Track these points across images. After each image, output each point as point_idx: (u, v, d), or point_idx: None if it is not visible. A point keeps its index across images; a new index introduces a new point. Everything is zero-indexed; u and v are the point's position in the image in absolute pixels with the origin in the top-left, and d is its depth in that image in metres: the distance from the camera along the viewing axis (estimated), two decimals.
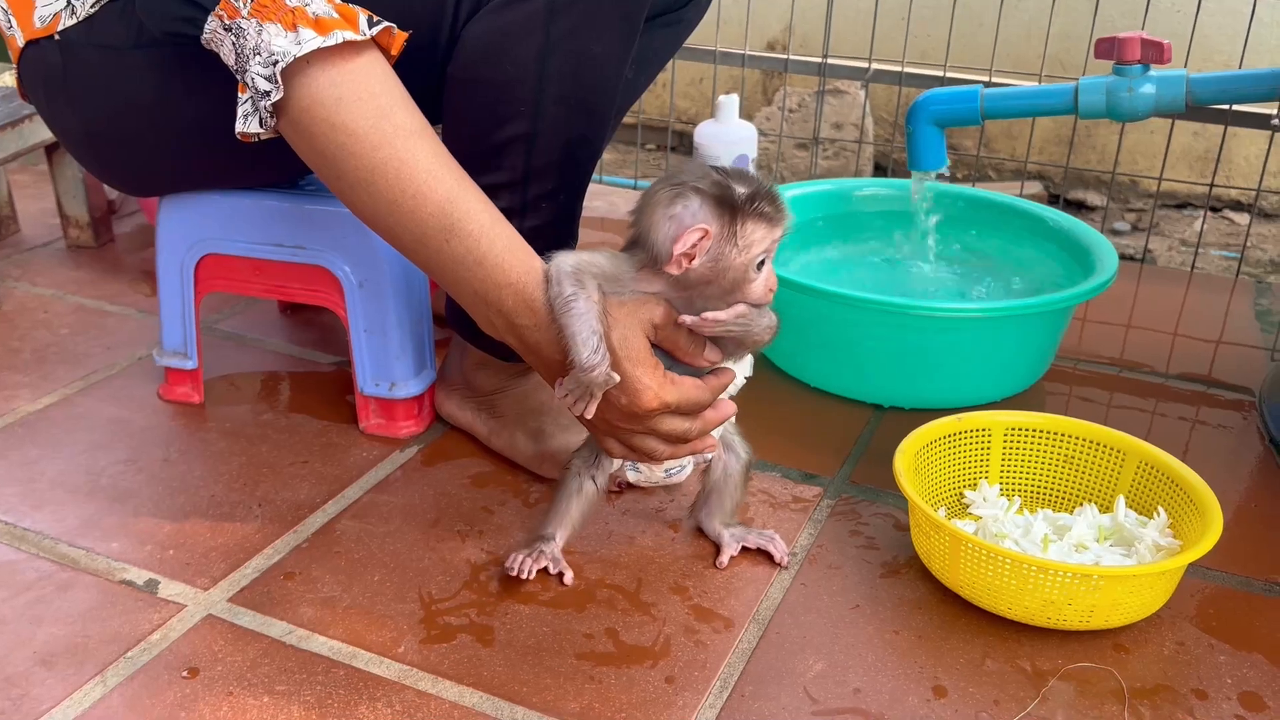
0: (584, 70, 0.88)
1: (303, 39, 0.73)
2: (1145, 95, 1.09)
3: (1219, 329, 1.43)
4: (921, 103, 1.19)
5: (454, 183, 0.76)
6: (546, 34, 0.85)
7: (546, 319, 0.76)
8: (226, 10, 0.75)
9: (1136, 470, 0.94)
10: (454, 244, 0.76)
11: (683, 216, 0.75)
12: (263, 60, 0.74)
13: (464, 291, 0.78)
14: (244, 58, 0.75)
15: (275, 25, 0.73)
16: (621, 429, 0.80)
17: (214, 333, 1.33)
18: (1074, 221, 1.31)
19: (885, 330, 1.13)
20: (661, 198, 0.76)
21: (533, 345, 0.79)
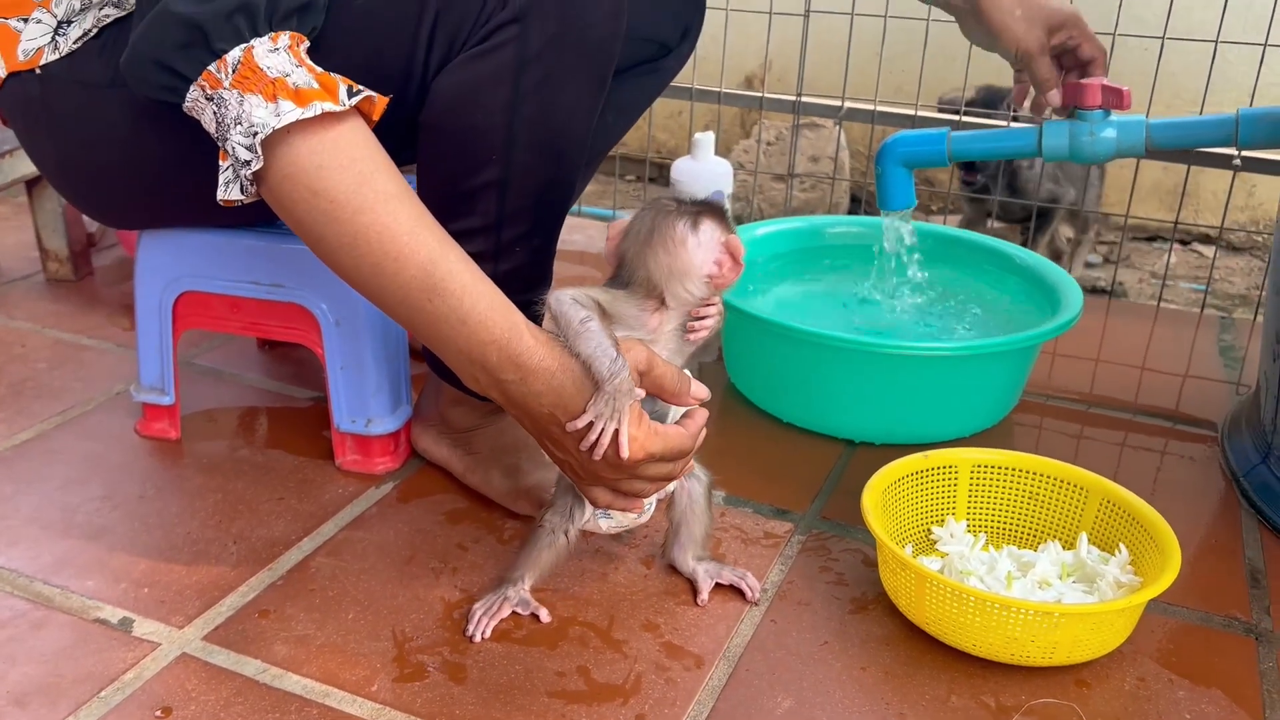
0: (554, 118, 0.90)
1: (282, 110, 0.74)
2: (1106, 139, 1.12)
3: (1185, 364, 1.45)
4: (890, 144, 1.22)
5: (435, 244, 0.77)
6: (516, 85, 0.87)
7: (535, 372, 0.77)
8: (209, 81, 0.76)
9: (1099, 507, 0.96)
10: (437, 304, 0.77)
11: (708, 239, 0.81)
12: (243, 130, 0.75)
13: (448, 349, 0.79)
14: (225, 127, 0.76)
15: (256, 96, 0.74)
16: (607, 478, 0.81)
17: (192, 368, 1.34)
18: (1039, 259, 1.34)
19: (855, 368, 1.15)
20: (681, 227, 0.80)
21: (518, 400, 0.79)
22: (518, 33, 0.85)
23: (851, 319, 1.33)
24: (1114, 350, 1.49)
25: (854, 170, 2.58)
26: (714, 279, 0.82)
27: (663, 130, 2.67)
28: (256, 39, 0.75)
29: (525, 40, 0.85)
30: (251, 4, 0.74)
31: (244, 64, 0.75)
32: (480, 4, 0.84)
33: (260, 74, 0.75)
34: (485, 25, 0.85)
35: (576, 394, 0.77)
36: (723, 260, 0.82)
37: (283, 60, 0.75)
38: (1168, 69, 1.63)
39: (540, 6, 0.84)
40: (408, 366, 1.13)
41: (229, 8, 0.73)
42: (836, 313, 1.35)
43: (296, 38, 0.78)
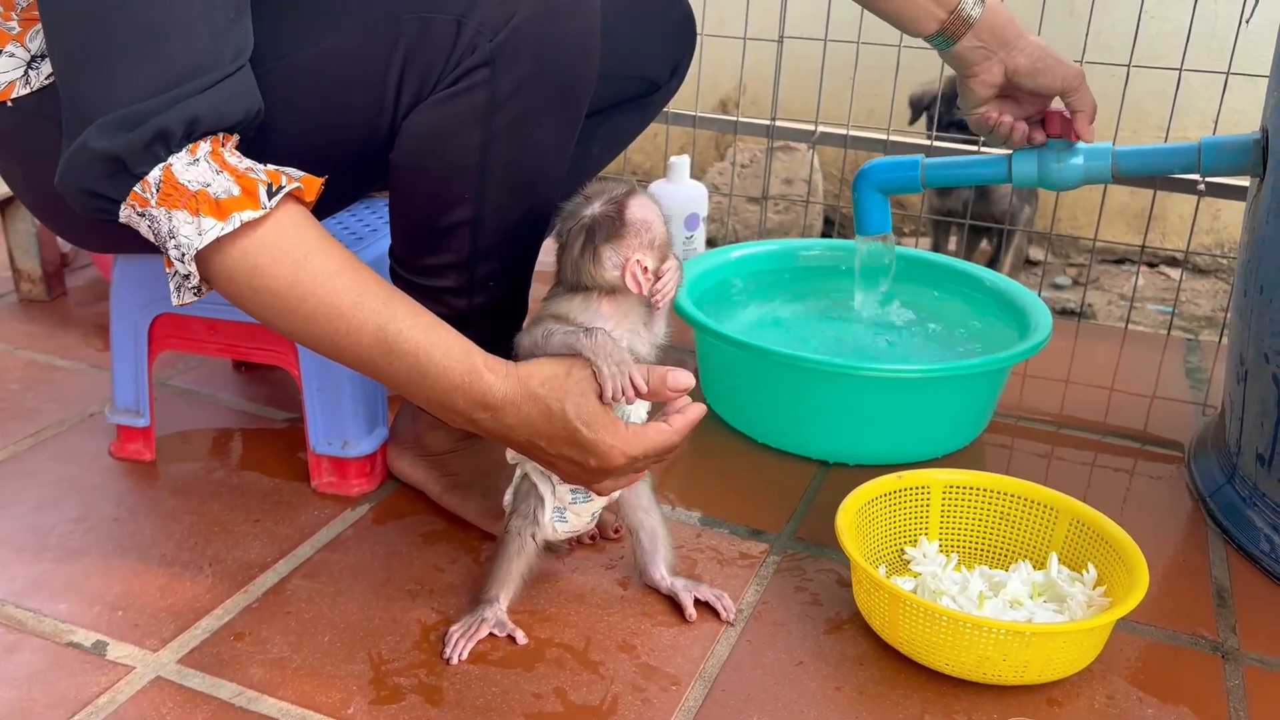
0: (527, 158, 0.91)
1: (204, 228, 0.75)
2: (1074, 166, 1.14)
3: (1152, 385, 1.48)
4: (866, 171, 1.24)
5: (381, 307, 0.79)
6: (488, 127, 0.87)
7: (502, 408, 0.80)
8: (137, 201, 0.76)
9: (1069, 527, 0.98)
10: (396, 364, 0.79)
11: (616, 261, 0.82)
12: (175, 245, 0.76)
13: (420, 399, 0.82)
14: (161, 239, 0.77)
15: (182, 212, 0.75)
16: (603, 479, 0.84)
17: (167, 388, 1.33)
18: (1009, 282, 1.36)
19: (829, 389, 1.16)
20: (586, 262, 0.83)
21: (496, 433, 0.82)
22: (489, 76, 0.85)
23: (826, 340, 1.34)
24: (1083, 371, 1.51)
25: (827, 193, 2.61)
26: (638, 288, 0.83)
27: (638, 152, 2.69)
28: (174, 156, 0.75)
29: (496, 83, 0.85)
30: (168, 130, 0.73)
31: (165, 181, 0.75)
32: (450, 48, 0.84)
33: (182, 189, 0.75)
34: (456, 69, 0.85)
35: (546, 422, 0.80)
36: (633, 278, 0.82)
37: (203, 170, 0.75)
38: (1134, 95, 1.66)
39: (512, 50, 0.84)
40: (384, 387, 1.14)
41: (146, 138, 0.73)
42: (811, 334, 1.37)
43: (218, 140, 0.77)
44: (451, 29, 0.84)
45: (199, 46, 0.74)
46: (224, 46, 0.76)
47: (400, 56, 0.85)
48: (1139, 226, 2.38)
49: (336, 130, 0.89)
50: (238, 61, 0.77)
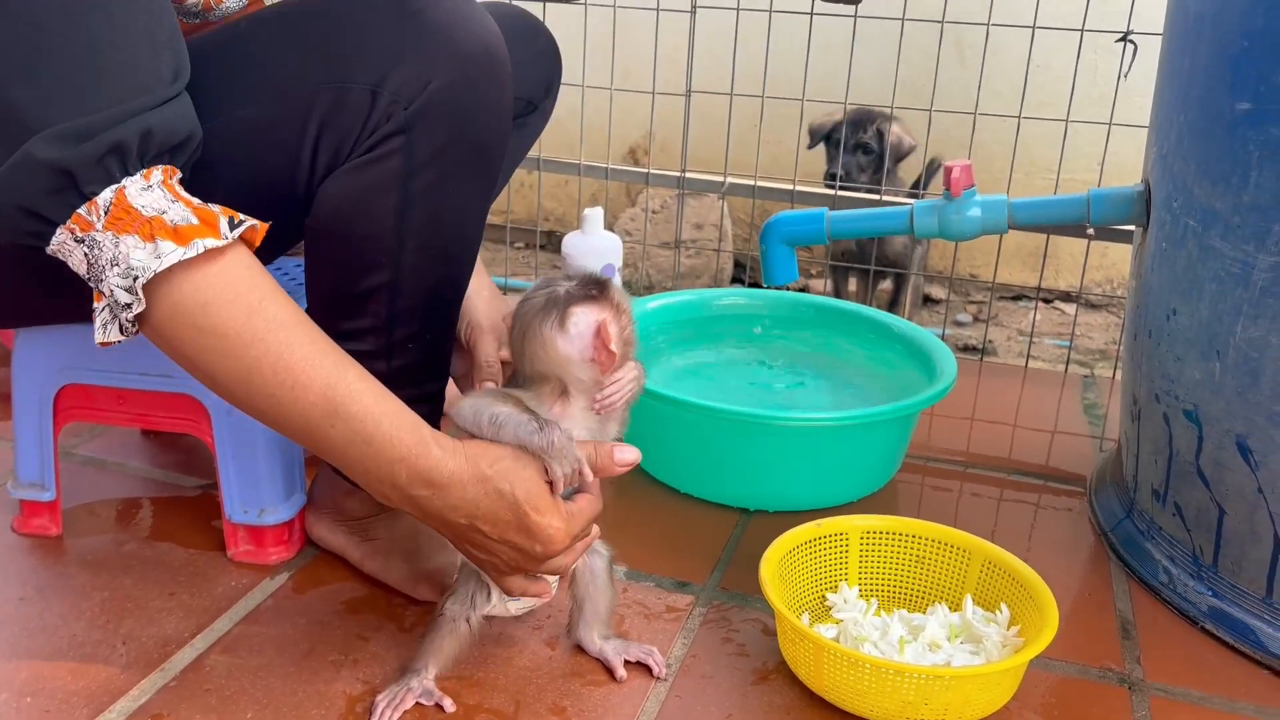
0: (443, 222, 0.91)
1: (162, 251, 0.71)
2: (972, 218, 1.19)
3: (1052, 421, 1.54)
4: (773, 224, 1.28)
5: (333, 366, 0.76)
6: (404, 192, 0.87)
7: (447, 486, 0.78)
8: (79, 224, 0.71)
9: (981, 568, 1.01)
10: (340, 428, 0.76)
11: (581, 328, 0.80)
12: (121, 272, 0.71)
13: (355, 470, 0.79)
14: (99, 268, 0.72)
15: (133, 237, 0.71)
16: (530, 569, 0.83)
17: (72, 458, 1.29)
18: (915, 328, 1.41)
19: (747, 440, 1.19)
20: (548, 328, 0.80)
21: (434, 513, 0.80)
22: (405, 143, 0.85)
23: (743, 387, 1.37)
24: (987, 408, 1.57)
25: (737, 237, 2.66)
26: (598, 365, 0.82)
27: (550, 199, 2.71)
28: (128, 178, 0.72)
29: (412, 149, 0.86)
30: (124, 144, 0.70)
31: (116, 205, 0.71)
32: (365, 116, 0.84)
33: (135, 214, 0.71)
34: (371, 136, 0.85)
35: (494, 503, 0.78)
36: (598, 348, 0.81)
37: (157, 197, 0.73)
38: (1025, 139, 1.74)
39: (427, 117, 0.85)
40: (301, 452, 1.12)
41: (100, 151, 0.69)
42: (729, 382, 1.39)
43: (170, 171, 0.75)
44: (366, 98, 0.84)
45: (144, 65, 0.72)
46: (164, 67, 0.74)
47: (315, 125, 0.85)
48: (1034, 265, 2.48)
49: (253, 195, 0.87)
50: (177, 84, 0.75)
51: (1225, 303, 0.99)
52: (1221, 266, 0.99)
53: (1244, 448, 0.99)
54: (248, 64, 0.87)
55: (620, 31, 1.82)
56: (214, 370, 0.75)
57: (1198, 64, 1.02)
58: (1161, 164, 1.09)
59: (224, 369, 0.75)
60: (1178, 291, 1.05)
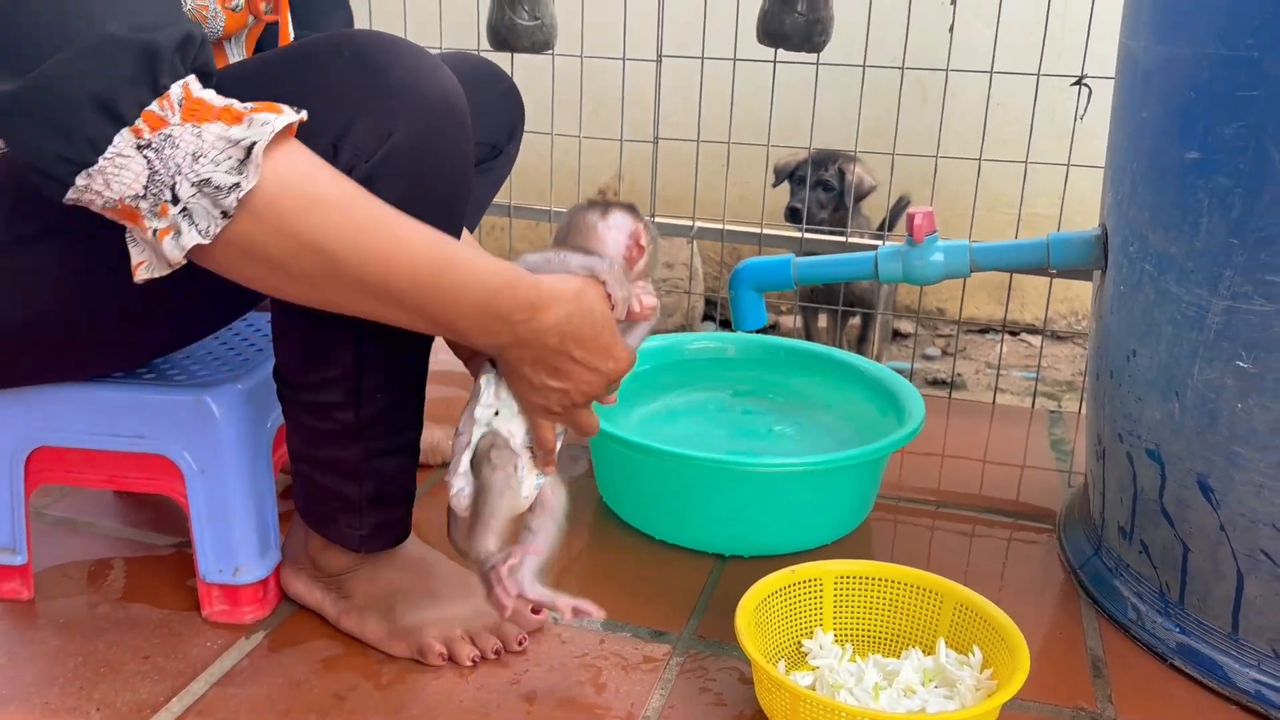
0: None
1: (264, 120, 0.72)
2: (935, 263, 1.22)
3: (1021, 456, 1.56)
4: (741, 271, 1.29)
5: (414, 220, 0.80)
6: None
7: (546, 306, 0.85)
8: (149, 122, 0.69)
9: (954, 611, 1.03)
10: (449, 274, 0.81)
11: (620, 222, 0.93)
12: (217, 157, 0.71)
13: (463, 313, 0.83)
14: (168, 172, 0.70)
15: (218, 124, 0.71)
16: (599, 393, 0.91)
17: (43, 519, 1.28)
18: (883, 369, 1.43)
19: (718, 486, 1.20)
20: (594, 216, 0.94)
21: (530, 340, 0.86)
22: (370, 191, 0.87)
23: (716, 431, 1.38)
24: (956, 445, 1.59)
25: (708, 275, 2.69)
26: (629, 262, 0.93)
27: (522, 240, 2.73)
28: (190, 75, 0.72)
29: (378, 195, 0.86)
30: (191, 37, 0.71)
31: (187, 98, 0.71)
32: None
33: (207, 105, 0.72)
34: None
35: (585, 321, 0.87)
36: (630, 245, 0.93)
37: (214, 95, 0.74)
38: (987, 176, 1.77)
39: (389, 170, 0.86)
40: (275, 508, 1.12)
41: (176, 39, 0.69)
42: (702, 427, 1.41)
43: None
44: (328, 153, 0.85)
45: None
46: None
47: None
48: (1000, 298, 2.52)
49: None
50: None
51: (1182, 345, 1.01)
52: (1177, 310, 1.01)
53: (1205, 486, 1.01)
54: None
55: (588, 79, 1.85)
56: (326, 240, 0.75)
57: (1147, 114, 1.05)
58: (1117, 209, 1.12)
59: (333, 238, 0.76)
60: (1136, 334, 1.08)
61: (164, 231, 0.72)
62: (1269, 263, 0.92)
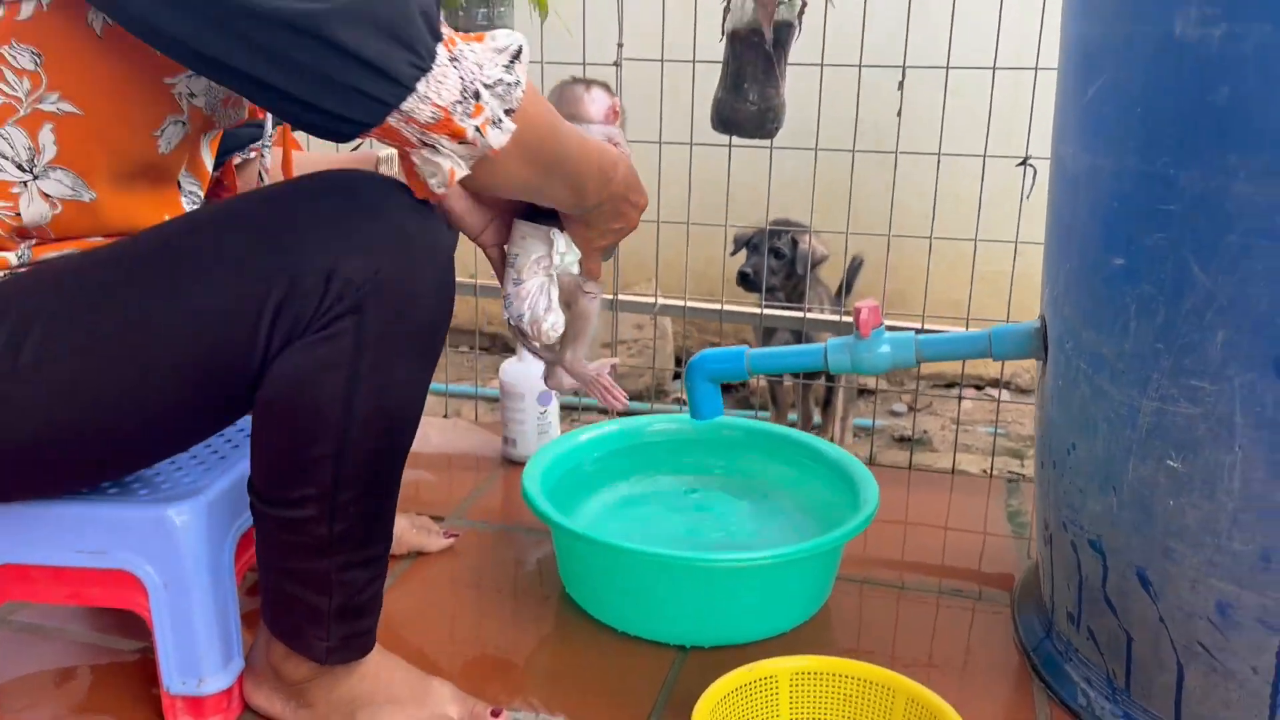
0: (389, 396, 0.96)
1: (507, 34, 0.84)
2: (882, 354, 1.25)
3: (981, 530, 1.59)
4: (697, 363, 1.32)
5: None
6: (354, 367, 0.92)
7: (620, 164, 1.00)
8: (448, 43, 0.79)
9: (905, 706, 1.05)
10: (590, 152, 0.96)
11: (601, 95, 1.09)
12: (493, 64, 0.82)
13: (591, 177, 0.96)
14: (470, 80, 0.80)
15: (478, 42, 0.82)
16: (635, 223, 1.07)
17: (8, 625, 1.29)
18: (840, 452, 1.45)
19: (675, 580, 1.22)
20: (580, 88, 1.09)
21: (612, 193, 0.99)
22: (355, 323, 0.91)
23: (676, 521, 1.41)
24: (917, 517, 1.62)
25: (676, 334, 2.72)
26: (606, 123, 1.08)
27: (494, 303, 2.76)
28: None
29: (362, 328, 0.91)
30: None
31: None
32: (319, 300, 0.90)
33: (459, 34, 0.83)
34: (324, 316, 0.90)
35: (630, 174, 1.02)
36: (609, 113, 1.08)
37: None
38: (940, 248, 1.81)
39: (377, 296, 0.91)
40: (238, 617, 1.13)
41: None
42: (662, 515, 1.43)
43: None
44: (320, 284, 0.90)
45: None
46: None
47: (272, 308, 0.90)
48: None
49: (209, 374, 0.93)
50: None
51: (1117, 442, 1.05)
52: (1110, 408, 1.05)
53: (1144, 579, 1.04)
54: (207, 255, 0.92)
55: None
56: (559, 133, 0.91)
57: (1077, 218, 1.10)
58: (1053, 305, 1.16)
59: (564, 131, 0.92)
60: (1075, 428, 1.11)
61: (484, 125, 0.82)
62: (1192, 369, 0.96)
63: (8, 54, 0.85)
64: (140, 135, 0.94)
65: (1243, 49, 0.88)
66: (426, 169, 0.84)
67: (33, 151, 0.89)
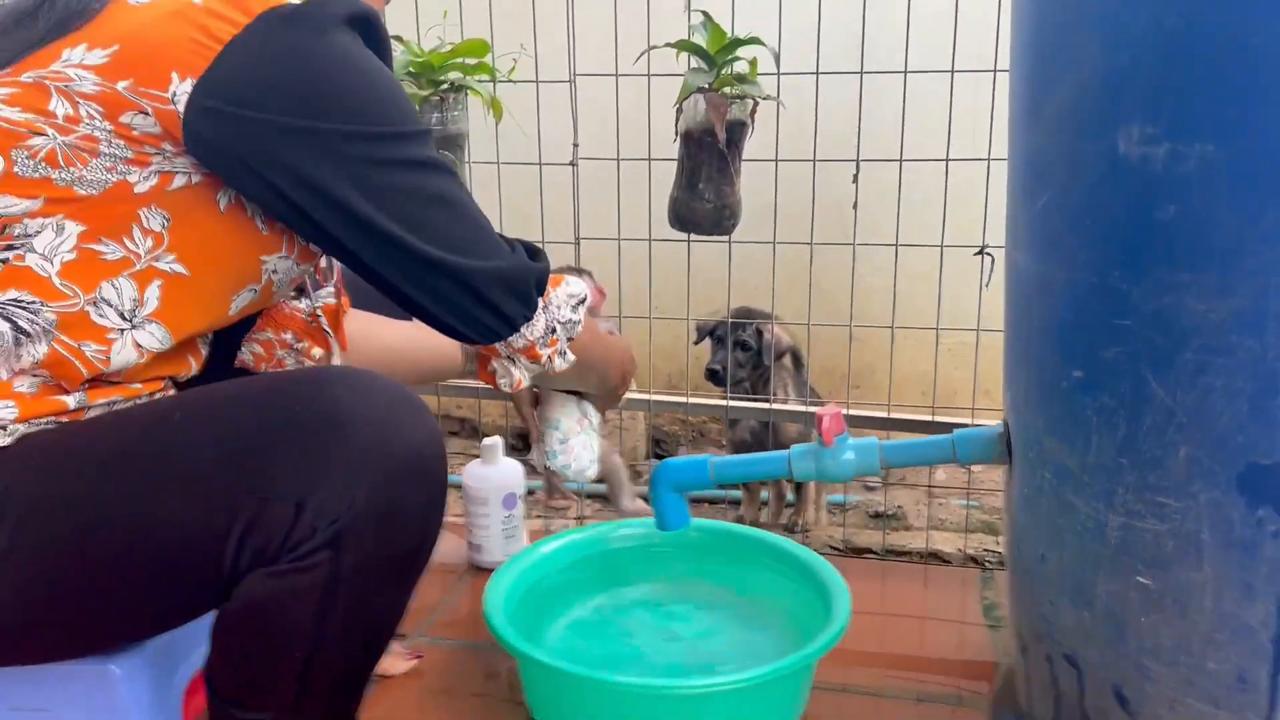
0: (364, 620, 0.91)
1: (574, 283, 1.10)
2: (846, 461, 1.23)
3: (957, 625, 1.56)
4: (660, 472, 1.30)
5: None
6: (327, 598, 0.87)
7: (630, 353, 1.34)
8: (545, 295, 1.03)
9: None
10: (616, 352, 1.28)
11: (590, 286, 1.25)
12: (567, 306, 1.07)
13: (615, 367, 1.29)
14: (552, 318, 1.05)
15: (559, 290, 1.07)
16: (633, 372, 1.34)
17: None
18: (811, 555, 1.42)
19: (641, 706, 1.19)
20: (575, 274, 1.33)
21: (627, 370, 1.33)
22: (331, 557, 0.85)
23: (642, 639, 1.37)
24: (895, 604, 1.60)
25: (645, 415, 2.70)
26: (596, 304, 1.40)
27: None
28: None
29: (339, 563, 0.86)
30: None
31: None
32: (288, 529, 0.84)
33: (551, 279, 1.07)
34: (296, 549, 0.85)
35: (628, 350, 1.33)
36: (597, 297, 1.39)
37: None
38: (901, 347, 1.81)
39: (354, 533, 0.85)
40: None
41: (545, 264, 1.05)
42: (629, 631, 1.39)
43: None
44: (290, 512, 0.84)
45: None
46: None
47: (239, 531, 0.85)
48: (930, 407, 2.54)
49: (170, 585, 0.89)
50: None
51: (1086, 556, 1.03)
52: (1078, 521, 1.03)
53: (1121, 696, 1.02)
54: (173, 458, 0.87)
55: None
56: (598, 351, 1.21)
57: (1033, 325, 1.09)
58: (1015, 413, 1.15)
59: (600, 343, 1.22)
60: (1044, 538, 1.09)
61: (554, 354, 1.07)
62: (1156, 485, 0.94)
63: (144, 215, 0.88)
64: (222, 298, 0.96)
65: (1186, 168, 0.88)
66: (501, 374, 1.08)
67: (136, 303, 0.90)
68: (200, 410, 0.90)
